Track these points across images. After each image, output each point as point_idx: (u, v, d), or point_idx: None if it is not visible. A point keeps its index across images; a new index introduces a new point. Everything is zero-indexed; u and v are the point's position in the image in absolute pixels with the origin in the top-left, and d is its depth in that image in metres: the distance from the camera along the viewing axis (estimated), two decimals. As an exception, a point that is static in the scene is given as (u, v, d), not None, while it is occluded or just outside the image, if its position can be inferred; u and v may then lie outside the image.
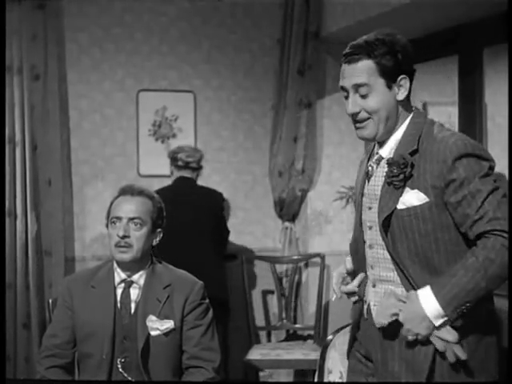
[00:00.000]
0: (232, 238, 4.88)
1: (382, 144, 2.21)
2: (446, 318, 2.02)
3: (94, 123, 4.75)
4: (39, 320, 4.42)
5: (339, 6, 4.53)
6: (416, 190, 2.07)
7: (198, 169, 4.41)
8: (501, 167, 2.13)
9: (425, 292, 2.05)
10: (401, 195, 2.10)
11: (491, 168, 2.07)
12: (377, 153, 2.22)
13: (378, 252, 2.19)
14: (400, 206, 2.10)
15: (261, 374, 4.72)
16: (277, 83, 4.96)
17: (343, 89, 2.18)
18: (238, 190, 5.03)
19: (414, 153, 2.09)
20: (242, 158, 5.03)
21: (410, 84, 2.17)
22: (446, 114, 4.87)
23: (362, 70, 2.12)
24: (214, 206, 4.38)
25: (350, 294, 2.29)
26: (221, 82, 4.98)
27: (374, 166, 2.22)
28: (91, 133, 4.74)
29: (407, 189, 2.09)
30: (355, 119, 2.16)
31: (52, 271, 4.49)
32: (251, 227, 5.06)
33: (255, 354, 4.43)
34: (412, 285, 2.10)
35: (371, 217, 2.20)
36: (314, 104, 4.91)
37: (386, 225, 2.12)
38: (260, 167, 5.04)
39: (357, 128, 2.18)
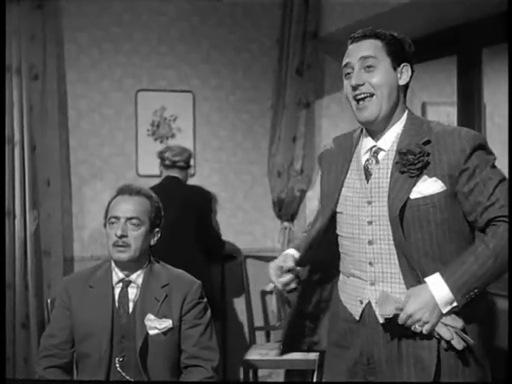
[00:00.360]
0: (231, 238, 4.88)
1: (377, 137, 2.21)
2: (454, 305, 2.04)
3: (92, 123, 4.74)
4: (38, 320, 4.41)
5: (338, 6, 4.53)
6: (435, 178, 2.08)
7: (186, 168, 4.39)
8: (500, 167, 2.14)
9: (434, 279, 2.05)
10: (414, 184, 2.09)
11: (494, 161, 2.12)
12: (374, 145, 2.21)
13: (380, 247, 2.16)
14: (415, 196, 2.09)
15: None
16: (276, 83, 4.96)
17: (347, 65, 2.19)
18: (237, 190, 5.03)
19: (426, 143, 2.11)
20: (241, 158, 5.03)
21: (410, 78, 2.20)
22: (445, 114, 4.88)
23: (369, 46, 2.17)
24: (201, 205, 4.35)
25: (287, 286, 2.29)
26: (220, 81, 4.98)
27: (374, 160, 2.20)
28: (90, 133, 4.74)
29: (425, 177, 2.09)
30: (357, 95, 2.16)
31: (51, 271, 4.48)
32: (250, 227, 5.05)
33: (254, 354, 4.43)
34: (418, 279, 2.09)
35: (373, 211, 2.17)
36: (312, 104, 4.90)
37: (399, 217, 2.10)
38: (259, 167, 5.04)
39: (358, 109, 2.18)
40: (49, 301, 3.08)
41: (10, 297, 4.38)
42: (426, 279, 2.06)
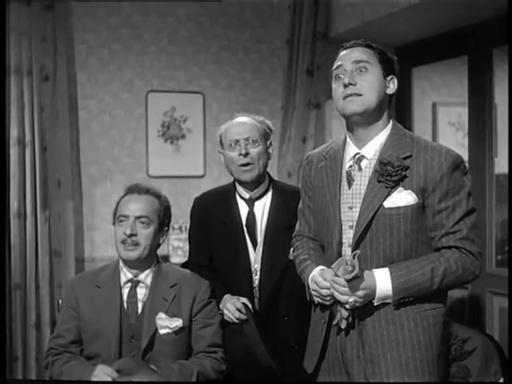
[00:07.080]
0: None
1: (361, 145, 2.27)
2: (387, 301, 2.14)
3: (102, 124, 4.76)
4: (49, 320, 4.42)
5: (348, 6, 4.53)
6: (410, 191, 2.16)
7: None
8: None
9: (382, 274, 2.14)
10: (389, 194, 2.17)
11: (470, 190, 2.20)
12: (358, 153, 2.27)
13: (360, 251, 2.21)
14: (388, 205, 2.16)
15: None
16: (285, 84, 4.95)
17: (339, 68, 2.27)
18: (247, 191, 5.02)
19: (406, 158, 2.19)
20: (251, 159, 5.02)
21: (395, 91, 2.30)
22: (456, 115, 4.87)
23: (363, 52, 2.26)
24: None
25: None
26: (229, 82, 4.99)
27: (356, 166, 2.26)
28: (100, 134, 4.75)
29: (400, 188, 2.17)
30: (348, 94, 2.22)
31: (62, 272, 4.49)
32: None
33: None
34: None
35: (353, 216, 2.22)
36: (322, 104, 4.90)
37: (368, 223, 2.18)
38: (269, 168, 5.00)
39: (345, 103, 2.24)
40: (60, 301, 3.09)
41: (21, 297, 4.40)
42: (375, 270, 2.14)
